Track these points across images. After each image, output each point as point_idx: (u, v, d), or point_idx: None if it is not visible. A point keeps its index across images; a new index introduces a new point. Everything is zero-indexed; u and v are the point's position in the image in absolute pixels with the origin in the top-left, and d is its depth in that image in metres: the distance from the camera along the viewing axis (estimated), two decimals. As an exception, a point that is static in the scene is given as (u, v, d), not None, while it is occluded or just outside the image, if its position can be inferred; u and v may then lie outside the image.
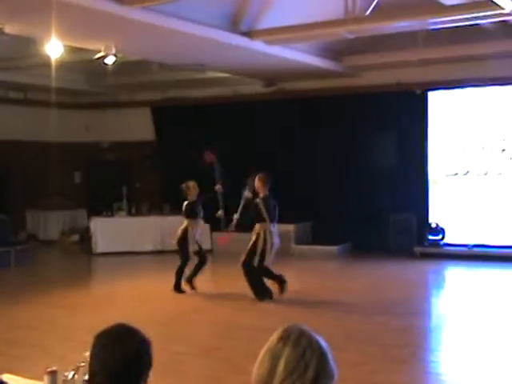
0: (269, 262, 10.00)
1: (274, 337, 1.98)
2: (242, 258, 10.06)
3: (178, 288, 10.81)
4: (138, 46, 11.96)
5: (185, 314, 9.49)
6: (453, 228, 14.47)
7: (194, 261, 10.81)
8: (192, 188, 10.89)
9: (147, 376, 2.46)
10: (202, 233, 11.04)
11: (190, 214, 10.84)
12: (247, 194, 10.46)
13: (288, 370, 1.89)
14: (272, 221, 10.02)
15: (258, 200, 10.02)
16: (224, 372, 6.56)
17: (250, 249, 9.99)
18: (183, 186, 10.96)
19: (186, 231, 10.75)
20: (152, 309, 9.79)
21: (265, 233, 9.90)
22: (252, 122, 16.25)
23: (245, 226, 10.44)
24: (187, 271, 10.78)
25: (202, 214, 10.95)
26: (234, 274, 10.77)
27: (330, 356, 1.97)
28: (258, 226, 9.99)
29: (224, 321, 9.02)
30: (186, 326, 8.75)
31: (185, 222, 10.87)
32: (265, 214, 9.91)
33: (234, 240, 11.50)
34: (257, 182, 10.10)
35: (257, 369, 1.97)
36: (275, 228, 10.13)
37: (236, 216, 10.47)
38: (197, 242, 10.82)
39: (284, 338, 1.95)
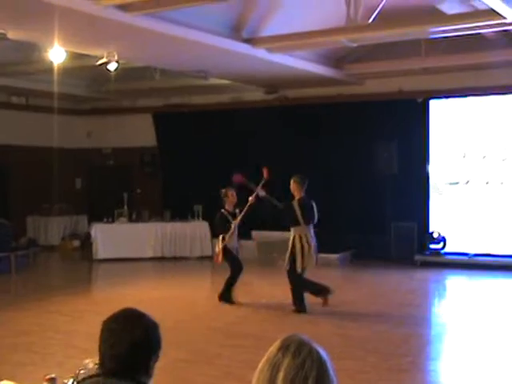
0: (311, 264, 9.74)
1: (274, 347, 1.95)
2: (286, 265, 9.80)
3: (226, 298, 10.42)
4: (140, 53, 11.98)
5: (185, 321, 9.47)
6: (454, 237, 14.45)
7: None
8: (231, 196, 10.44)
9: (157, 357, 2.50)
10: (239, 241, 10.66)
11: (225, 226, 10.41)
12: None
13: (287, 380, 1.86)
14: (308, 223, 9.81)
15: (293, 202, 9.80)
16: (224, 380, 6.55)
17: (290, 254, 9.72)
18: (222, 191, 10.52)
19: (225, 244, 10.37)
20: (152, 315, 9.76)
21: (300, 236, 9.71)
22: (254, 129, 16.26)
23: None
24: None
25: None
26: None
27: (330, 366, 1.96)
28: (292, 230, 9.78)
29: (225, 328, 9.00)
30: (186, 333, 8.74)
31: (221, 235, 10.47)
32: (299, 217, 9.72)
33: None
34: (292, 185, 9.85)
35: (256, 379, 1.94)
36: (311, 230, 9.89)
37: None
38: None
39: (283, 348, 1.92)
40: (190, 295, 10.82)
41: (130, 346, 2.41)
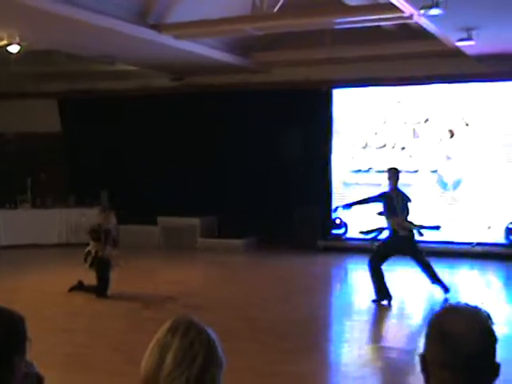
0: None
1: (163, 328, 1.99)
2: None
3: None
4: (43, 36, 11.72)
5: (89, 308, 9.41)
6: (356, 222, 14.82)
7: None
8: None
9: (25, 350, 2.28)
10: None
11: None
12: None
13: (176, 361, 1.92)
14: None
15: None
16: (125, 365, 6.53)
17: None
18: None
19: None
20: (56, 302, 9.67)
21: None
22: (161, 116, 16.21)
23: None
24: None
25: None
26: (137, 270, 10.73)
27: (218, 346, 2.02)
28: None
29: (130, 314, 9.01)
30: (90, 320, 8.70)
31: None
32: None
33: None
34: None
35: (145, 360, 1.98)
36: None
37: None
38: None
39: (173, 330, 1.97)
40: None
41: None
